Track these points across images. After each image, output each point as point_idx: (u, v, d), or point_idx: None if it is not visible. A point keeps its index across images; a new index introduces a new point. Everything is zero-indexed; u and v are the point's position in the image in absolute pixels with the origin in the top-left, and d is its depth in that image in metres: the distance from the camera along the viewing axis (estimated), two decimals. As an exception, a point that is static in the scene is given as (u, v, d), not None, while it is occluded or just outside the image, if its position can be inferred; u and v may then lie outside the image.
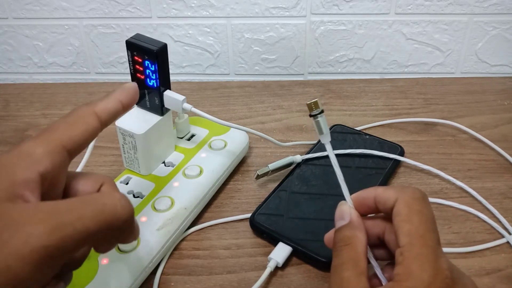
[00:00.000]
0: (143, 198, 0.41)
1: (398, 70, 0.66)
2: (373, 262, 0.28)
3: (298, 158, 0.47)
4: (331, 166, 0.30)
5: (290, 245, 0.38)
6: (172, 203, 0.40)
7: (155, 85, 0.40)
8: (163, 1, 0.61)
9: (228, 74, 0.67)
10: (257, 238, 0.41)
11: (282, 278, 0.37)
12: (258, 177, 0.45)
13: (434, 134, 0.53)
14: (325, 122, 0.30)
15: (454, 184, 0.46)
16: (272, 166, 0.46)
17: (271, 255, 0.38)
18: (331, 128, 0.52)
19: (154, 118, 0.42)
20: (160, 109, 0.42)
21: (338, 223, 0.28)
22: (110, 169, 0.49)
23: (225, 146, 0.47)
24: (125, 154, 0.43)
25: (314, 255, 0.38)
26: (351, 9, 0.61)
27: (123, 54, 0.66)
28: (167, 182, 0.42)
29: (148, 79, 0.40)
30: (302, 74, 0.67)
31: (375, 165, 0.47)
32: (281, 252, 0.38)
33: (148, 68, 0.40)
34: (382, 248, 0.29)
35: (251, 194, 0.46)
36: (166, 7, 0.62)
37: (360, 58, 0.65)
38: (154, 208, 0.40)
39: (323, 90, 0.62)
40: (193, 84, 0.65)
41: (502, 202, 0.44)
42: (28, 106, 0.60)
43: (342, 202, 0.29)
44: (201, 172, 0.44)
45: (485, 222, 0.42)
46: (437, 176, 0.47)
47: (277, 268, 0.38)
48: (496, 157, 0.50)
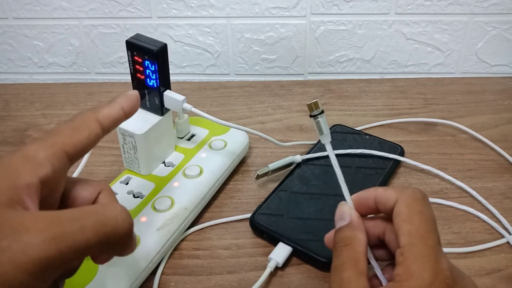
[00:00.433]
0: (143, 198, 0.41)
1: (398, 70, 0.66)
2: (373, 262, 0.28)
3: (298, 158, 0.47)
4: (331, 166, 0.30)
5: (290, 245, 0.38)
6: (172, 203, 0.40)
7: (155, 85, 0.40)
8: (163, 1, 0.61)
9: (228, 74, 0.67)
10: (257, 238, 0.41)
11: (282, 278, 0.37)
12: (258, 177, 0.45)
13: (434, 134, 0.53)
14: (325, 122, 0.30)
15: (454, 184, 0.46)
16: (272, 166, 0.46)
17: (271, 255, 0.38)
18: (331, 128, 0.52)
19: (154, 118, 0.42)
20: (160, 109, 0.42)
21: (338, 224, 0.28)
22: (110, 169, 0.49)
23: (225, 146, 0.47)
24: (125, 154, 0.43)
25: (314, 255, 0.38)
26: (351, 9, 0.61)
27: (123, 54, 0.66)
28: (167, 182, 0.42)
29: (148, 79, 0.40)
30: (302, 74, 0.67)
31: (375, 165, 0.47)
32: (281, 252, 0.38)
33: (148, 68, 0.40)
34: (382, 248, 0.29)
35: (251, 194, 0.46)
36: (166, 7, 0.62)
37: (360, 58, 0.65)
38: (154, 208, 0.40)
39: (323, 90, 0.62)
40: (193, 84, 0.65)
41: (502, 202, 0.44)
42: (28, 106, 0.60)
43: (342, 202, 0.29)
44: (201, 172, 0.44)
45: (485, 222, 0.42)
46: (437, 176, 0.47)
47: (277, 268, 0.38)
48: (496, 157, 0.50)
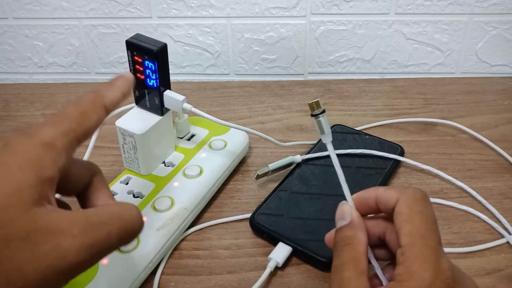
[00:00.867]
0: (143, 198, 0.41)
1: (398, 70, 0.66)
2: (373, 262, 0.27)
3: (298, 158, 0.47)
4: (331, 166, 0.30)
5: (290, 245, 0.38)
6: (172, 203, 0.40)
7: (155, 85, 0.40)
8: (163, 1, 0.61)
9: (228, 74, 0.67)
10: (257, 238, 0.41)
11: (282, 278, 0.37)
12: (258, 177, 0.45)
13: (434, 134, 0.53)
14: (326, 122, 0.30)
15: (454, 184, 0.46)
16: (272, 166, 0.46)
17: (271, 255, 0.38)
18: (331, 128, 0.52)
19: (154, 118, 0.42)
20: (160, 109, 0.42)
21: (339, 223, 0.28)
22: (110, 169, 0.49)
23: (225, 146, 0.47)
24: (125, 154, 0.43)
25: (314, 255, 0.37)
26: (351, 9, 0.61)
27: (123, 54, 0.66)
28: (167, 182, 0.42)
29: (148, 79, 0.40)
30: (302, 74, 0.67)
31: (375, 165, 0.47)
32: (281, 252, 0.38)
33: (148, 68, 0.40)
34: (382, 248, 0.29)
35: (251, 194, 0.46)
36: (166, 7, 0.62)
37: (360, 58, 0.65)
38: (154, 208, 0.40)
39: (323, 90, 0.62)
40: (193, 84, 0.65)
41: (502, 202, 0.44)
42: (28, 106, 0.60)
43: (343, 202, 0.29)
44: (201, 172, 0.44)
45: (485, 222, 0.42)
46: (437, 176, 0.47)
47: (277, 268, 0.38)
48: (496, 157, 0.50)
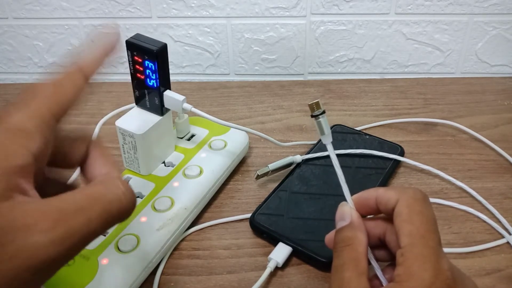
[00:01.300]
0: (143, 198, 0.41)
1: (398, 70, 0.66)
2: (373, 262, 0.27)
3: (298, 158, 0.47)
4: (331, 166, 0.30)
5: (290, 245, 0.38)
6: (172, 203, 0.40)
7: (155, 85, 0.40)
8: (163, 1, 0.61)
9: (228, 74, 0.67)
10: (257, 238, 0.41)
11: (282, 278, 0.37)
12: (258, 177, 0.45)
13: (434, 134, 0.53)
14: (326, 122, 0.30)
15: (454, 184, 0.46)
16: (272, 166, 0.46)
17: (271, 255, 0.38)
18: (331, 128, 0.52)
19: (154, 118, 0.42)
20: (160, 109, 0.42)
21: (339, 224, 0.28)
22: (110, 169, 0.49)
23: (225, 146, 0.47)
24: (125, 154, 0.43)
25: (314, 255, 0.37)
26: (351, 9, 0.61)
27: (123, 54, 0.66)
28: (167, 182, 0.42)
29: (148, 79, 0.40)
30: (302, 74, 0.67)
31: (375, 165, 0.47)
32: (281, 252, 0.38)
33: (148, 68, 0.40)
34: (382, 249, 0.29)
35: (251, 194, 0.46)
36: (166, 7, 0.62)
37: (360, 58, 0.65)
38: (154, 208, 0.40)
39: (323, 90, 0.62)
40: (193, 84, 0.65)
41: (502, 202, 0.44)
42: (27, 106, 0.60)
43: (343, 203, 0.29)
44: (201, 172, 0.44)
45: (485, 222, 0.42)
46: (437, 176, 0.47)
47: (277, 268, 0.38)
48: (496, 157, 0.50)
